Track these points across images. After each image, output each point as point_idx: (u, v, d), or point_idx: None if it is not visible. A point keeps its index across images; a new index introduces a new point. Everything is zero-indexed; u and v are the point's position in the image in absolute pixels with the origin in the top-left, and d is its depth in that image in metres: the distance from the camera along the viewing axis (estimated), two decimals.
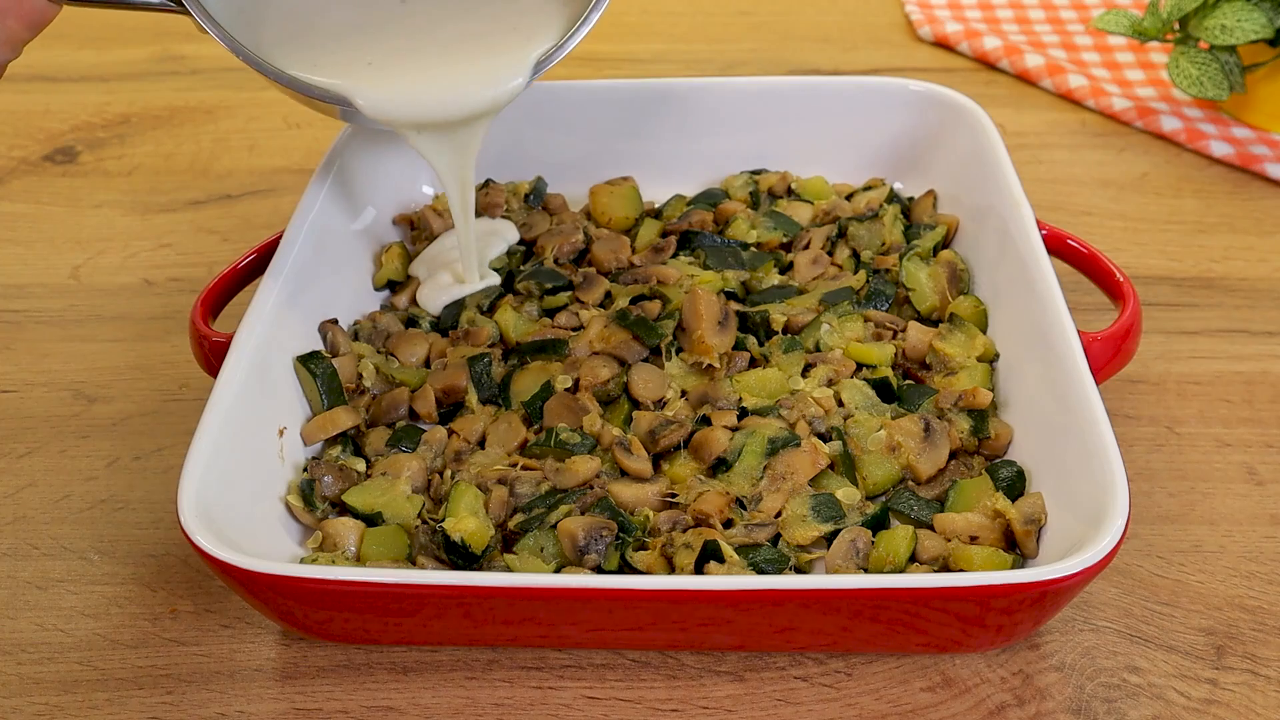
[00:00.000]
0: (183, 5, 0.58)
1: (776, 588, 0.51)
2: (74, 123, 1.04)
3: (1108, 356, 0.64)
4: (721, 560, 0.57)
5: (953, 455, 0.65)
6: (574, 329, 0.73)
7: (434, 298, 0.75)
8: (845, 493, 0.62)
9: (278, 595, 0.53)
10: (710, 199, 0.84)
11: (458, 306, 0.75)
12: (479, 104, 0.66)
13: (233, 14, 0.62)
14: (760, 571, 0.58)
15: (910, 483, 0.64)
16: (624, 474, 0.64)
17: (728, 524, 0.61)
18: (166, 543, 0.66)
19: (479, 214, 0.83)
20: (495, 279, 0.76)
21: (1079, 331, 0.63)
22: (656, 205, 0.85)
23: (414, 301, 0.76)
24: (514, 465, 0.64)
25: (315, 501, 0.63)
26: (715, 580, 0.52)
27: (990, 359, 0.70)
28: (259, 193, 0.94)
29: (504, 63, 0.65)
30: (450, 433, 0.67)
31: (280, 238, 0.72)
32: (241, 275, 0.72)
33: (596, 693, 0.57)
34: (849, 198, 0.84)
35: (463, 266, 0.74)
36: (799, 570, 0.59)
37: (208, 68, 1.12)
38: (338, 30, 0.66)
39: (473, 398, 0.69)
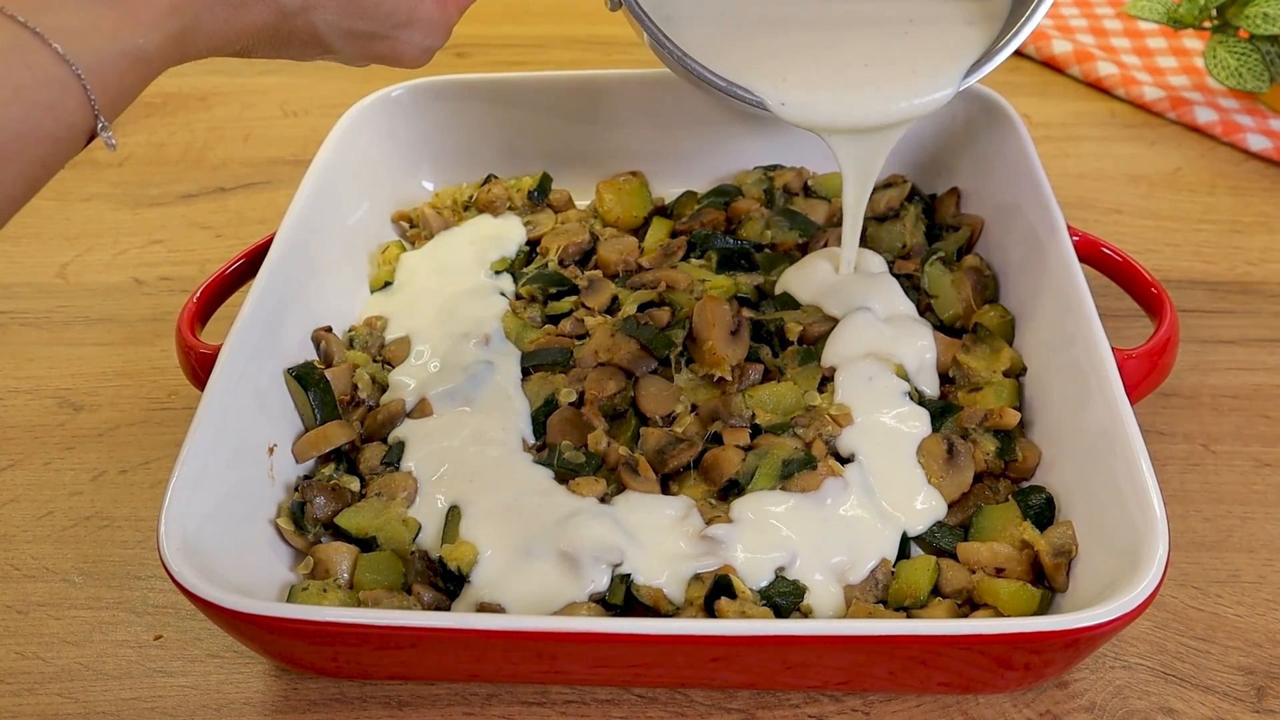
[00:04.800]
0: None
1: (788, 634, 0.48)
2: None
3: (1143, 374, 0.61)
4: (733, 595, 0.54)
5: (977, 478, 0.61)
6: (579, 337, 0.70)
7: (807, 281, 0.71)
8: None
9: (265, 633, 0.50)
10: (723, 196, 0.80)
11: None
12: (900, 114, 0.63)
13: (653, 7, 0.62)
14: (773, 604, 0.55)
15: None
16: None
17: None
18: (152, 564, 0.63)
19: (480, 212, 0.80)
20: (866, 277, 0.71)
21: (1113, 349, 0.59)
22: (666, 202, 0.81)
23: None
24: None
25: (307, 524, 0.60)
26: (723, 625, 0.49)
27: (1017, 373, 0.66)
28: (253, 185, 0.91)
29: (930, 72, 0.62)
30: None
31: (271, 239, 0.68)
32: (231, 280, 0.68)
33: None
34: None
35: (843, 258, 0.70)
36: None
37: None
38: (755, 32, 0.65)
39: None
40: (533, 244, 0.78)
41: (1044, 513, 0.59)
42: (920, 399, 0.65)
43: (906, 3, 0.65)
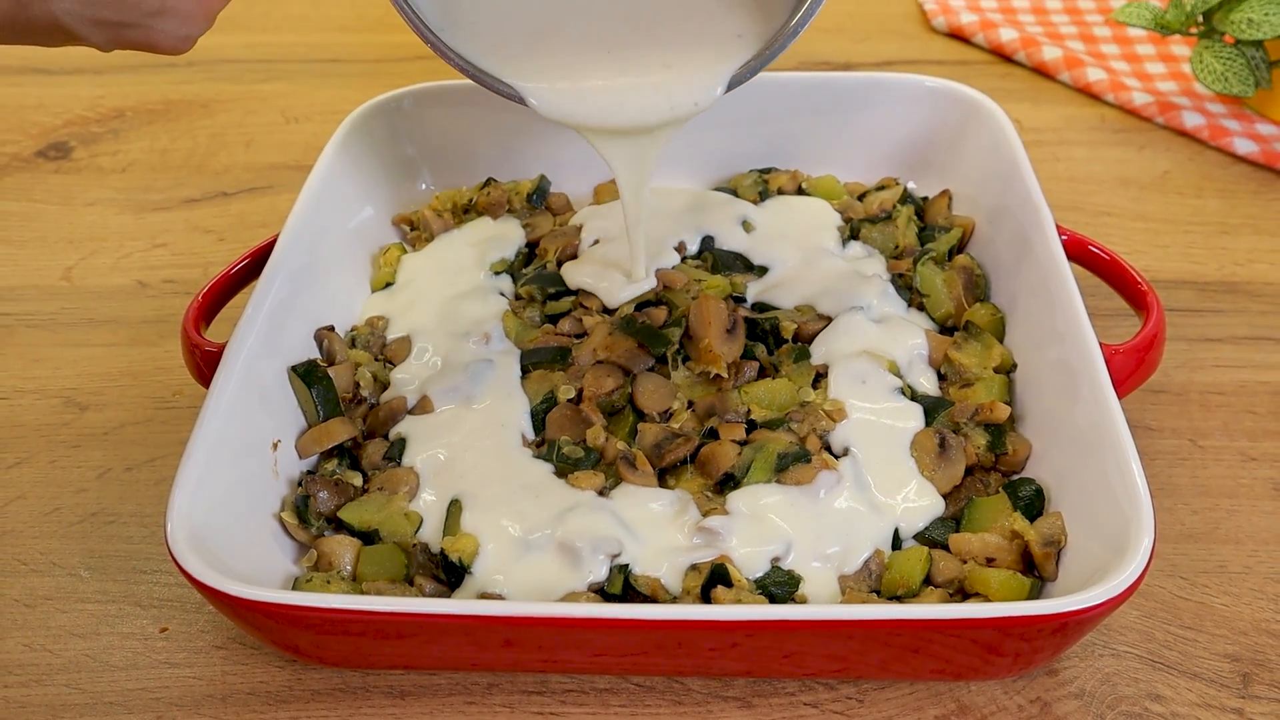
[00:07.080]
0: None
1: (783, 619, 0.49)
2: (68, 117, 1.02)
3: (1130, 369, 0.62)
4: (729, 584, 0.55)
5: (969, 471, 0.63)
6: (577, 336, 0.71)
7: (615, 294, 0.72)
8: None
9: (270, 621, 0.51)
10: None
11: None
12: (659, 116, 0.62)
13: (432, 6, 0.62)
14: (769, 593, 0.56)
15: None
16: None
17: None
18: (157, 558, 0.64)
19: (479, 215, 0.81)
20: (651, 282, 0.73)
21: (1101, 344, 0.60)
22: None
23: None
24: None
25: (310, 518, 0.61)
26: (719, 611, 0.50)
27: (1007, 369, 0.67)
28: (256, 190, 0.92)
29: (693, 73, 0.62)
30: None
31: (274, 241, 0.70)
32: (235, 280, 0.70)
33: (599, 719, 0.55)
34: (861, 198, 0.81)
35: (631, 264, 0.72)
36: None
37: (204, 59, 1.09)
38: (526, 29, 0.64)
39: None
40: (531, 245, 0.79)
41: (1034, 504, 0.60)
42: (913, 395, 0.66)
43: (677, 9, 0.64)
